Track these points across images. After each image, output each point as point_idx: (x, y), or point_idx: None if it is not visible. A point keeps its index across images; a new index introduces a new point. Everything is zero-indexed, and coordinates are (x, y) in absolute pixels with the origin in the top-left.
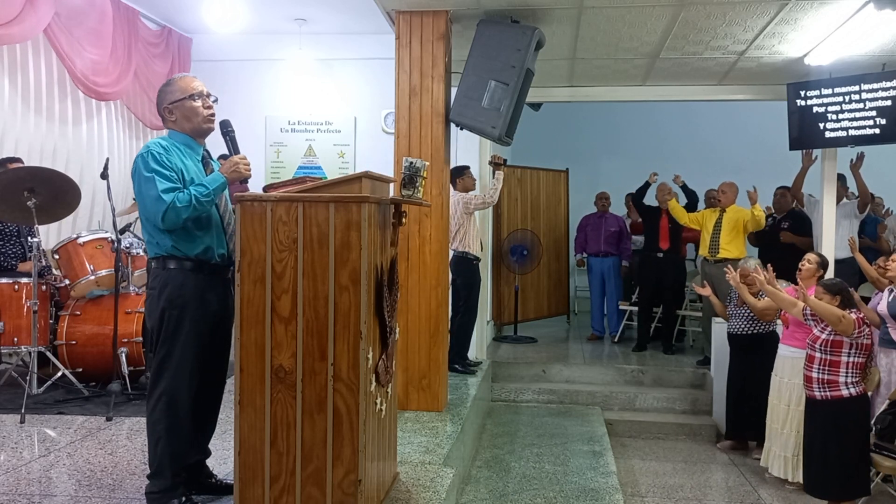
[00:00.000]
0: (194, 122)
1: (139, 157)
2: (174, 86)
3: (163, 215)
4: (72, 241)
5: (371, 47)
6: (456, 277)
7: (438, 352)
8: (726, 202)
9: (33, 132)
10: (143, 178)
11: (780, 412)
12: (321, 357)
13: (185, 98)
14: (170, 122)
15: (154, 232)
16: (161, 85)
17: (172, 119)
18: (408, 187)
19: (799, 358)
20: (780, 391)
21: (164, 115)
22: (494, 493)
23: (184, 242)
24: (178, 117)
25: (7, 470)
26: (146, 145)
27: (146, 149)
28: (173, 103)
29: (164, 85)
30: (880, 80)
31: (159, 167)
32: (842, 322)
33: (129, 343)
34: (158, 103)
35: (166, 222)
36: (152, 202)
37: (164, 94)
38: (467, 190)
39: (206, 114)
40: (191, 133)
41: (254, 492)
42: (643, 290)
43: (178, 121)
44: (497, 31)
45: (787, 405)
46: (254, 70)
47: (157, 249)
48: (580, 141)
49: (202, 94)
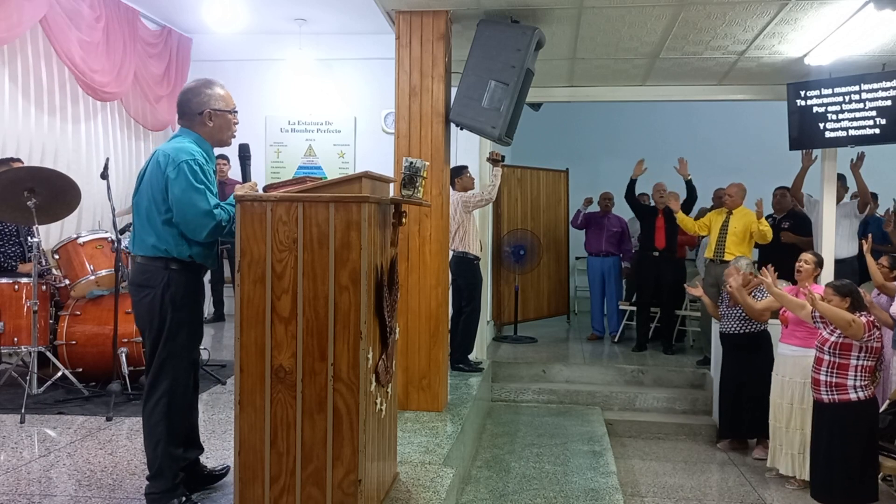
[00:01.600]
0: (225, 134)
1: (185, 164)
2: (218, 92)
3: (210, 230)
4: (72, 241)
5: (371, 47)
6: (457, 277)
7: (438, 352)
8: (733, 204)
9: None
10: (194, 188)
11: (784, 410)
12: (321, 357)
13: (228, 111)
14: (199, 126)
15: (171, 235)
16: (199, 85)
17: (209, 124)
18: (408, 187)
19: (800, 356)
20: (783, 390)
21: (201, 118)
22: (494, 493)
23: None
24: (214, 125)
25: (7, 470)
26: (187, 151)
27: (191, 156)
28: (217, 111)
29: (205, 86)
30: (880, 80)
31: (207, 181)
32: (852, 326)
33: (129, 343)
34: (198, 103)
35: (208, 236)
36: (201, 215)
37: (208, 97)
38: (466, 189)
39: (234, 130)
40: (215, 143)
41: (254, 492)
42: (641, 290)
43: (212, 128)
44: (497, 31)
45: (791, 403)
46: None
47: (158, 250)
48: (580, 141)
49: (236, 110)
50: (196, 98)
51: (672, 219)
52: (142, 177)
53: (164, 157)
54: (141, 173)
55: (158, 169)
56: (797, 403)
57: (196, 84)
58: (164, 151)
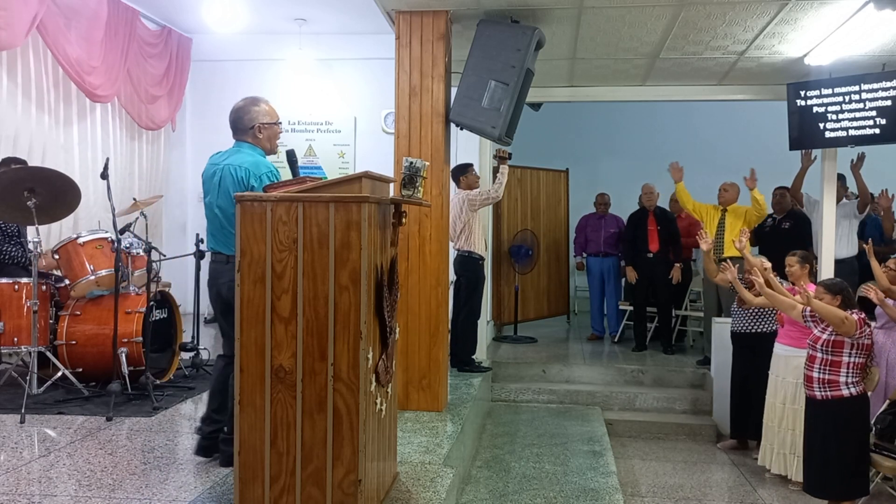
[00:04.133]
0: (273, 144)
1: (265, 177)
2: (262, 108)
3: None
4: (72, 241)
5: (371, 47)
6: (460, 277)
7: (438, 352)
8: (728, 200)
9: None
10: None
11: (776, 410)
12: (321, 357)
13: (274, 123)
14: (252, 138)
15: None
16: (247, 103)
17: (259, 136)
18: (408, 187)
19: (793, 356)
20: (777, 389)
21: (253, 132)
22: (494, 493)
23: None
24: (263, 137)
25: (7, 470)
26: (265, 164)
27: (269, 169)
28: (265, 125)
29: (252, 104)
30: (880, 80)
31: None
32: (844, 323)
33: (129, 343)
34: (249, 119)
35: None
36: None
37: (256, 113)
38: (471, 188)
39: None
40: (266, 152)
41: (254, 492)
42: (636, 291)
43: (262, 140)
44: (497, 31)
45: (784, 403)
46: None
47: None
48: (580, 141)
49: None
50: (246, 115)
51: (664, 220)
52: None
53: (245, 171)
54: (209, 181)
55: (236, 180)
56: (789, 403)
57: (245, 103)
58: (240, 165)
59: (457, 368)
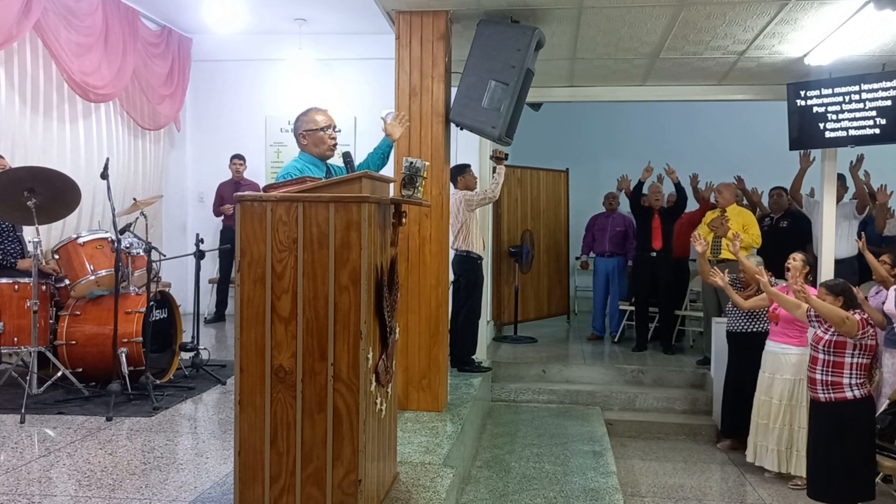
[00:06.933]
0: (321, 148)
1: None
2: (309, 117)
3: None
4: (72, 241)
5: (371, 47)
6: (459, 277)
7: (438, 352)
8: (724, 203)
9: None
10: None
11: (769, 407)
12: (321, 357)
13: (316, 129)
14: (302, 145)
15: None
16: (300, 114)
17: (304, 143)
18: (408, 187)
19: (787, 354)
20: (769, 387)
21: (299, 139)
22: (494, 493)
23: None
24: (308, 143)
25: (7, 470)
26: (285, 168)
27: (285, 172)
28: (307, 131)
29: (301, 114)
30: (880, 80)
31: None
32: (846, 323)
33: (129, 343)
34: (295, 129)
35: None
36: None
37: (301, 122)
38: (469, 188)
39: (330, 143)
40: (316, 156)
41: (254, 492)
42: (638, 290)
43: (308, 145)
44: (497, 31)
45: (780, 400)
46: (254, 70)
47: None
48: (580, 141)
49: (329, 126)
50: (295, 125)
51: (668, 219)
52: None
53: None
54: None
55: None
56: (785, 400)
57: (299, 114)
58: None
59: (457, 368)
